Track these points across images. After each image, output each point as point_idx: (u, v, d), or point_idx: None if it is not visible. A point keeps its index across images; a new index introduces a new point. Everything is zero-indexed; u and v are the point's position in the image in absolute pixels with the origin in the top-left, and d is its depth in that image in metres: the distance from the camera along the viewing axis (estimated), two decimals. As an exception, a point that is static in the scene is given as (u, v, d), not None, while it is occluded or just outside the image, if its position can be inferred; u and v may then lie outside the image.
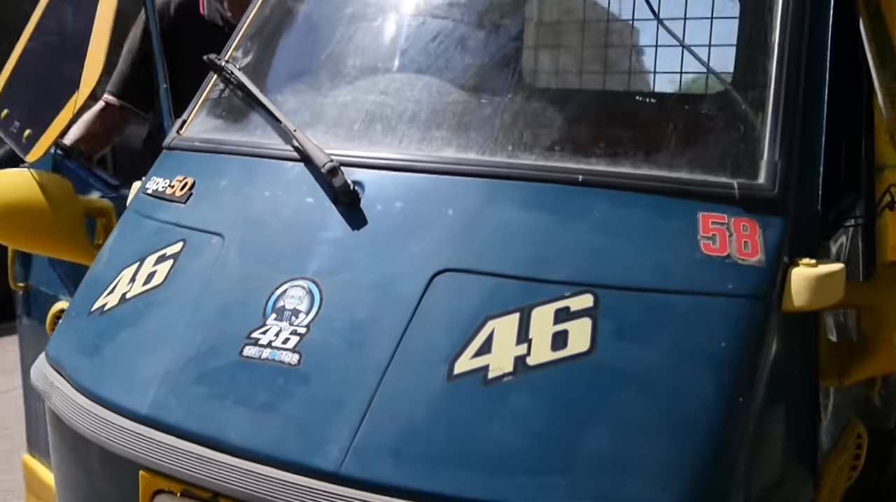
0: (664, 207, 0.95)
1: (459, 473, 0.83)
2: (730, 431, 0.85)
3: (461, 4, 1.20)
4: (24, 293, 2.01)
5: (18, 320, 2.17)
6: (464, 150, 1.04)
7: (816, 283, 0.92)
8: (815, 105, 1.02)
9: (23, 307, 2.05)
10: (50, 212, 1.38)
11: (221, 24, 1.96)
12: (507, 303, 0.91)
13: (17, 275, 2.01)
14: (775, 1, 1.06)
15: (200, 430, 0.93)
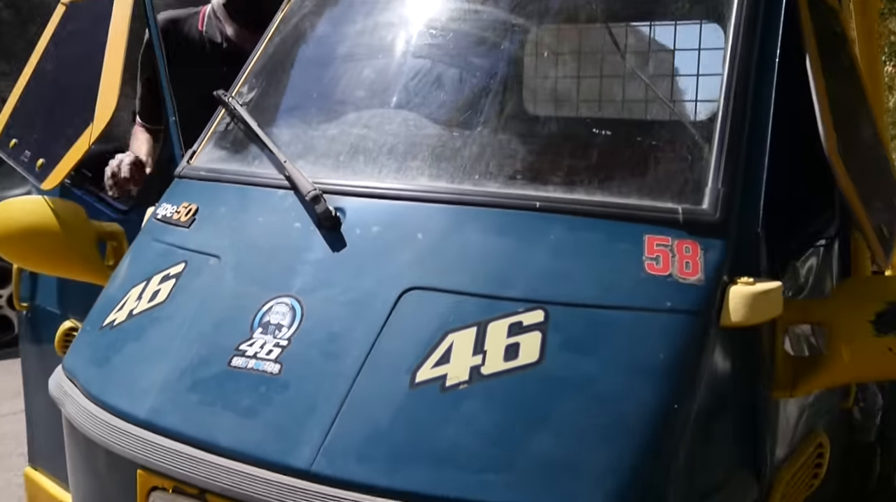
0: (613, 231, 1.04)
1: (416, 471, 0.92)
2: (665, 435, 0.93)
3: (438, 45, 1.31)
4: (27, 313, 2.12)
5: (21, 339, 2.27)
6: (435, 179, 1.14)
7: (753, 300, 1.00)
8: (759, 137, 1.09)
9: (27, 326, 2.16)
10: (65, 236, 1.51)
11: (220, 41, 2.08)
12: (466, 318, 1.00)
13: (22, 296, 2.12)
14: (726, 39, 1.15)
15: (192, 433, 1.03)
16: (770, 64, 1.13)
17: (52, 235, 1.50)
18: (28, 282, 2.06)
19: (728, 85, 1.11)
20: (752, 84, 1.12)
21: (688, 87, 1.22)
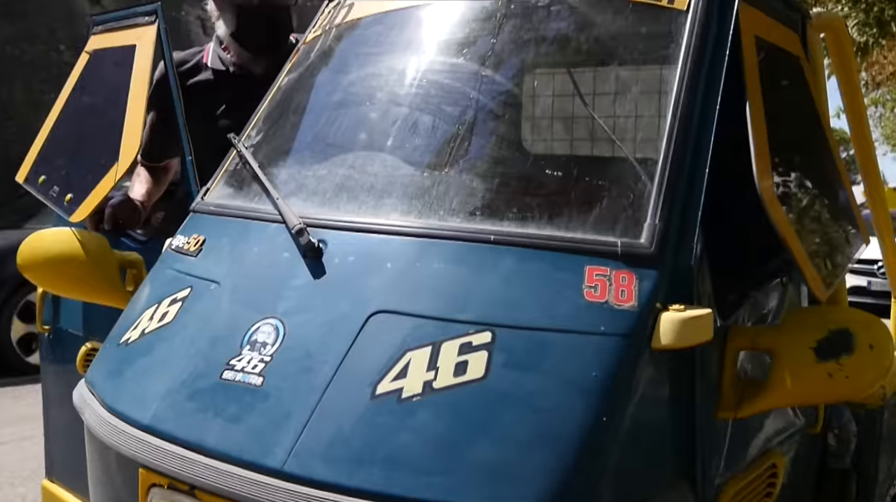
0: (558, 262, 1.16)
1: (372, 472, 1.05)
2: (594, 446, 1.04)
3: (416, 95, 1.46)
4: (49, 335, 2.30)
5: (42, 360, 2.45)
6: (405, 215, 1.28)
7: (682, 326, 1.11)
8: (698, 179, 1.20)
9: (48, 348, 2.34)
10: (90, 265, 1.68)
11: (225, 68, 2.25)
12: (423, 338, 1.13)
13: (45, 319, 2.30)
14: (671, 87, 1.27)
15: (185, 436, 1.18)
16: (710, 112, 1.25)
17: (78, 263, 1.68)
18: (50, 306, 2.25)
19: (670, 129, 1.23)
20: (693, 129, 1.23)
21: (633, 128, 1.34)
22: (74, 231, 1.74)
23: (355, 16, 1.65)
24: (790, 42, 1.59)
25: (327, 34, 1.70)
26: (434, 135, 1.40)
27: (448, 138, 1.38)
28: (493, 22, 1.46)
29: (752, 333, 1.34)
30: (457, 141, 1.36)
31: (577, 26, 1.44)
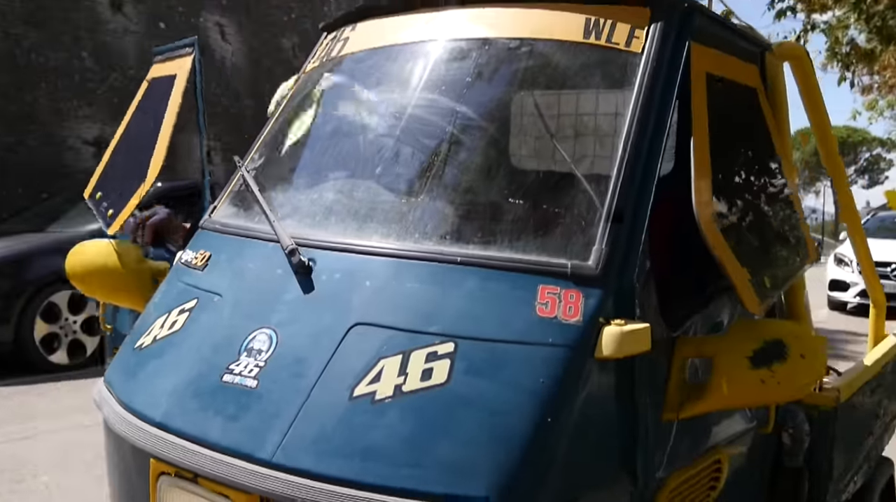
0: (515, 281, 1.32)
1: (348, 463, 1.21)
2: (541, 444, 1.19)
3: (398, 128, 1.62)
4: (110, 334, 2.54)
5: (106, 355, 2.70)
6: (385, 238, 1.45)
7: (621, 338, 1.26)
8: (642, 210, 1.36)
9: (109, 344, 2.58)
10: (125, 274, 1.87)
11: None
12: (396, 348, 1.29)
13: (107, 320, 2.54)
14: (622, 127, 1.42)
15: (190, 431, 1.35)
16: (657, 148, 1.40)
17: (115, 273, 1.87)
18: (110, 309, 2.48)
19: (619, 165, 1.38)
20: (640, 165, 1.38)
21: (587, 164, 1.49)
22: (112, 243, 1.92)
23: (349, 49, 1.82)
24: (747, 74, 1.74)
25: (324, 66, 1.87)
26: (412, 165, 1.57)
27: (424, 168, 1.54)
28: (469, 62, 1.63)
29: (698, 343, 1.49)
30: (432, 171, 1.53)
31: (541, 65, 1.60)
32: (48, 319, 6.26)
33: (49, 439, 4.40)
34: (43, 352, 6.20)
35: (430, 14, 1.68)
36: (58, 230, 7.08)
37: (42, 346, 6.20)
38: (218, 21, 13.05)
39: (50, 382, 5.80)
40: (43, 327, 6.22)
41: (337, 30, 1.89)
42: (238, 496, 1.27)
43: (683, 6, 1.52)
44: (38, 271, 6.33)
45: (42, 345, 6.21)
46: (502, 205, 1.45)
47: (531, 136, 1.57)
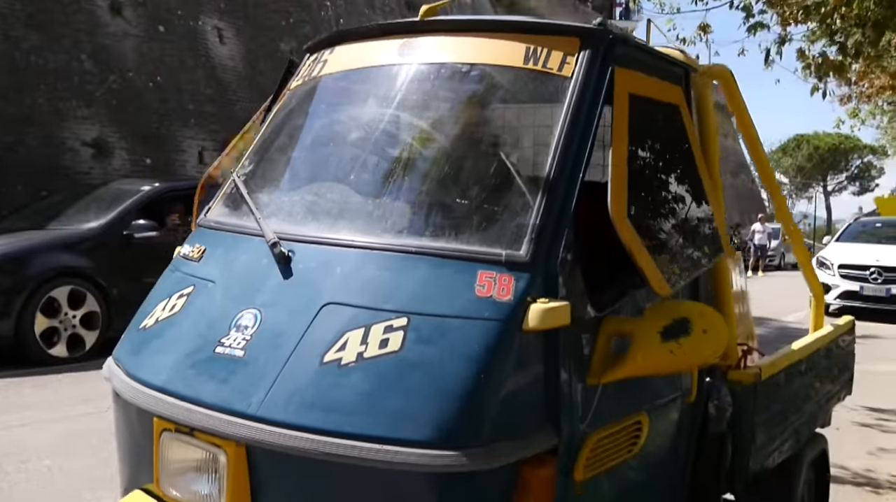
0: (458, 267, 1.59)
1: (318, 415, 1.47)
2: (475, 399, 1.46)
3: (367, 139, 1.90)
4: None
5: None
6: (353, 233, 1.72)
7: (544, 314, 1.53)
8: (566, 208, 1.62)
9: None
10: None
11: None
12: (359, 322, 1.56)
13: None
14: (552, 141, 1.69)
15: (188, 394, 1.61)
16: (581, 158, 1.67)
17: None
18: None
19: (548, 172, 1.65)
20: (566, 172, 1.65)
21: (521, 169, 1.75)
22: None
23: (327, 70, 2.09)
24: (669, 93, 2.01)
25: (306, 84, 2.14)
26: (377, 171, 1.84)
27: (386, 174, 1.81)
28: (428, 83, 1.90)
29: (620, 322, 1.76)
30: (393, 176, 1.80)
31: (488, 86, 1.87)
32: (48, 314, 6.51)
33: (50, 427, 4.64)
34: (43, 346, 6.44)
35: (396, 41, 1.96)
36: (57, 227, 7.32)
37: (42, 340, 6.44)
38: (216, 24, 13.31)
39: (50, 374, 6.04)
40: (43, 321, 6.45)
41: (318, 52, 2.16)
42: (228, 445, 1.53)
43: (608, 37, 1.79)
44: (39, 267, 6.57)
45: (42, 338, 6.44)
46: (450, 205, 1.71)
47: (476, 147, 1.84)
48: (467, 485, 1.46)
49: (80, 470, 3.86)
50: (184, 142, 12.16)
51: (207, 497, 1.58)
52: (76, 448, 4.20)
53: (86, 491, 3.57)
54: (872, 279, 12.23)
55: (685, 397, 2.05)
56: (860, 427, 5.57)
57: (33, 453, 4.09)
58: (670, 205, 1.88)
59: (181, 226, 7.81)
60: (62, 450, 4.15)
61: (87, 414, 4.94)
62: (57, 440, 4.33)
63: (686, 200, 1.95)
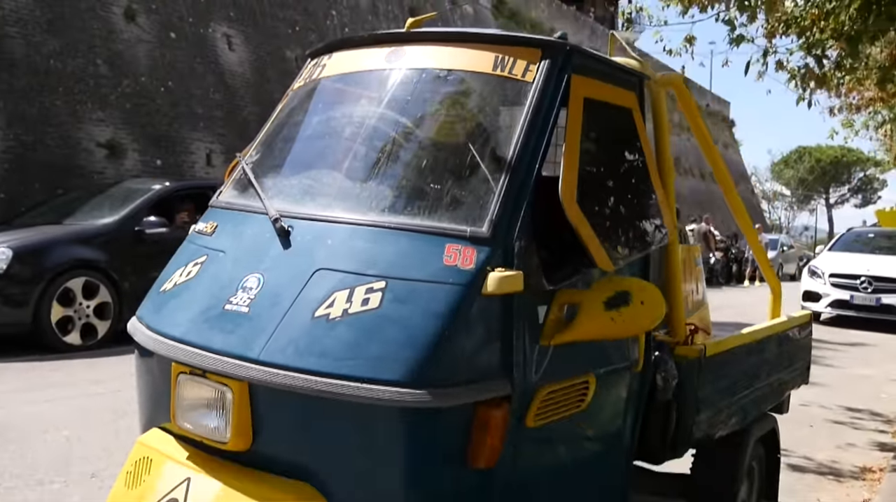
0: (430, 241, 1.89)
1: (310, 359, 1.77)
2: (438, 348, 1.75)
3: (357, 133, 2.21)
4: None
5: None
6: (343, 211, 2.02)
7: (500, 281, 1.82)
8: (523, 192, 1.92)
9: None
10: None
11: None
12: (345, 284, 1.86)
13: None
14: (514, 137, 1.99)
15: (201, 343, 1.91)
16: (538, 151, 1.97)
17: None
18: None
19: (509, 162, 1.95)
20: (524, 163, 1.95)
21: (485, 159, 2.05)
22: None
23: (326, 73, 2.40)
24: (624, 98, 2.31)
25: (307, 85, 2.46)
26: (365, 160, 2.15)
27: (372, 163, 2.12)
28: (411, 85, 2.21)
29: (571, 293, 2.05)
30: (378, 164, 2.11)
31: (462, 89, 2.18)
32: (64, 303, 6.84)
33: (67, 403, 4.96)
34: (58, 333, 6.76)
35: (386, 49, 2.27)
36: (73, 223, 7.66)
37: (57, 328, 6.77)
38: (226, 32, 13.69)
39: (64, 360, 6.37)
40: (59, 310, 6.78)
41: (318, 57, 2.47)
42: (234, 384, 1.83)
43: (566, 48, 2.09)
44: (56, 259, 6.90)
45: (57, 327, 6.77)
46: (425, 189, 2.01)
47: (450, 141, 2.15)
48: (431, 419, 1.75)
49: (95, 439, 4.18)
50: (192, 144, 12.51)
51: (215, 429, 1.88)
52: (91, 422, 4.52)
53: (100, 458, 3.88)
54: (863, 288, 12.46)
55: (633, 367, 2.33)
56: (833, 424, 5.85)
57: (52, 425, 4.40)
58: (618, 194, 2.18)
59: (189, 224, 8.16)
60: (79, 423, 4.46)
61: (99, 394, 5.26)
62: (73, 414, 4.65)
63: (634, 192, 2.25)
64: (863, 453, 5.06)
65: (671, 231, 2.36)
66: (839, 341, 10.62)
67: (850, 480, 4.48)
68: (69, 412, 4.71)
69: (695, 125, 2.82)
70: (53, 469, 3.69)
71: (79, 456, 3.91)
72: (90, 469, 3.71)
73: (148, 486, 1.95)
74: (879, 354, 9.83)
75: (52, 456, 3.88)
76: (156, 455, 2.01)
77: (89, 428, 4.39)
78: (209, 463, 1.91)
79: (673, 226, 2.38)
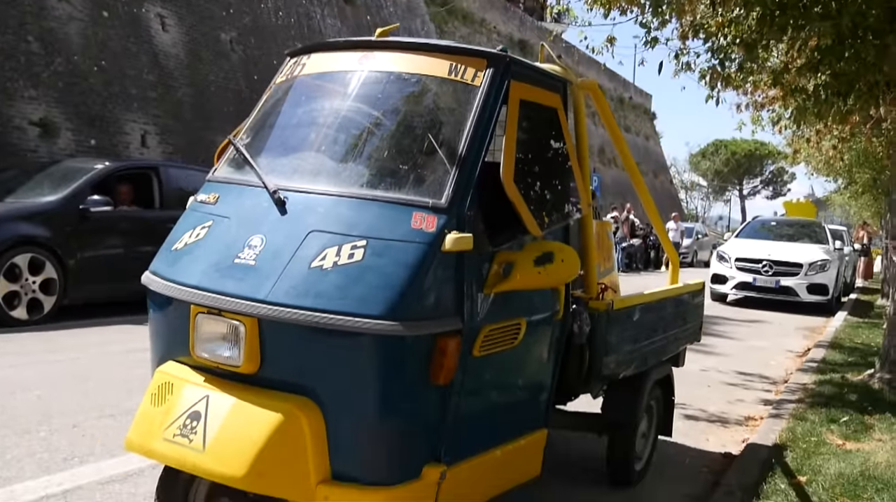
0: (401, 209, 2.40)
1: (307, 299, 2.26)
2: (408, 290, 2.27)
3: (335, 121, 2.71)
4: None
5: None
6: (328, 185, 2.51)
7: (455, 241, 2.34)
8: (471, 172, 2.45)
9: None
10: None
11: None
12: (334, 243, 2.35)
13: None
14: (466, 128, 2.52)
15: (216, 288, 2.38)
16: (484, 141, 2.51)
17: None
18: None
19: (462, 149, 2.48)
20: (474, 149, 2.49)
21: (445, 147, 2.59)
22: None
23: (306, 71, 2.88)
24: (551, 100, 2.87)
25: (289, 80, 2.93)
26: (344, 144, 2.65)
27: (350, 147, 2.63)
28: (380, 84, 2.72)
29: (507, 254, 2.61)
30: (355, 148, 2.62)
31: (423, 88, 2.70)
32: (10, 279, 7.02)
33: (29, 369, 5.24)
34: (5, 308, 6.96)
35: (358, 53, 2.77)
36: (14, 201, 7.80)
37: (4, 303, 6.96)
38: (159, 12, 13.72)
39: (13, 333, 6.58)
40: (5, 286, 6.96)
41: (297, 56, 2.95)
42: (246, 319, 2.31)
43: (506, 59, 2.64)
44: (2, 235, 7.07)
45: (4, 301, 6.96)
46: (395, 169, 2.52)
47: (414, 131, 2.67)
48: (403, 345, 2.28)
49: (67, 398, 4.51)
50: (127, 124, 12.57)
51: (229, 356, 2.36)
52: (57, 384, 4.84)
53: (77, 413, 4.24)
54: (764, 271, 13.61)
55: (555, 316, 2.92)
56: (727, 385, 6.66)
57: (20, 387, 4.69)
58: (545, 177, 2.75)
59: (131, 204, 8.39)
60: (46, 386, 4.77)
61: (58, 362, 5.56)
62: (39, 378, 4.94)
63: (557, 175, 2.82)
64: (749, 407, 5.85)
65: (586, 207, 2.95)
66: (742, 318, 11.65)
67: (736, 426, 5.24)
68: (34, 376, 5.00)
69: (607, 123, 3.42)
70: (35, 421, 4.03)
71: (56, 410, 4.25)
72: (70, 421, 4.07)
73: (172, 403, 2.42)
74: (775, 330, 10.87)
75: (30, 411, 4.21)
76: (176, 380, 2.47)
77: (58, 390, 4.71)
78: (223, 383, 2.39)
79: (587, 204, 2.97)
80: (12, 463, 3.38)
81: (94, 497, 3.05)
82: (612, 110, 3.43)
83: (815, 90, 6.62)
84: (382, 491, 2.30)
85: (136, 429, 2.47)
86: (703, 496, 3.61)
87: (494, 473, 2.72)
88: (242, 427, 2.28)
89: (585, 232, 3.16)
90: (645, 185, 3.91)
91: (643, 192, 3.91)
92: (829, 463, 3.98)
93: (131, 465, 3.38)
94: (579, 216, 2.94)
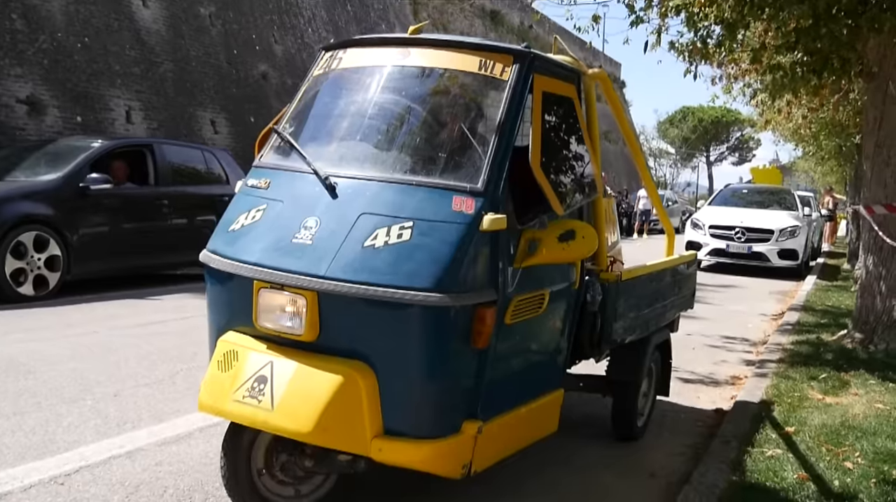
0: (442, 193, 2.68)
1: (364, 274, 2.54)
2: (452, 265, 2.56)
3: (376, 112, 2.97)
4: None
5: None
6: (376, 171, 2.78)
7: (491, 221, 2.63)
8: (503, 159, 2.73)
9: None
10: None
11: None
12: (384, 224, 2.63)
13: None
14: (497, 118, 2.80)
15: (277, 265, 2.65)
16: (514, 130, 2.79)
17: None
18: None
19: (494, 138, 2.76)
20: (505, 138, 2.77)
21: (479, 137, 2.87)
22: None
23: (343, 65, 3.13)
24: (568, 90, 3.16)
25: (326, 74, 3.18)
26: (387, 133, 2.92)
27: (393, 134, 2.90)
28: (416, 78, 2.98)
29: (533, 232, 2.91)
30: (398, 136, 2.88)
31: (456, 83, 2.97)
32: (16, 256, 7.19)
33: (55, 343, 5.45)
34: (13, 285, 7.14)
35: (395, 49, 3.02)
36: (14, 180, 7.91)
37: (12, 280, 7.13)
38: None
39: (24, 309, 6.76)
40: (12, 263, 7.14)
41: (333, 51, 3.19)
42: (307, 293, 2.58)
43: (531, 55, 2.91)
44: (7, 214, 7.22)
45: (11, 278, 7.13)
46: (435, 157, 2.80)
47: (451, 121, 2.94)
48: (447, 314, 2.57)
49: (101, 369, 4.76)
50: (111, 101, 12.60)
51: (291, 326, 2.64)
52: (86, 357, 5.07)
53: (114, 382, 4.49)
54: (737, 238, 14.09)
55: (572, 286, 3.24)
56: (711, 348, 7.06)
57: (55, 360, 4.92)
58: (566, 160, 3.04)
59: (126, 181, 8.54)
60: (78, 358, 5.01)
61: (78, 335, 5.78)
62: (68, 351, 5.17)
63: (575, 158, 3.12)
64: (733, 367, 6.27)
65: (599, 186, 3.25)
66: (717, 284, 12.11)
67: (724, 385, 5.64)
68: (62, 349, 5.23)
69: (615, 110, 3.71)
70: (77, 391, 4.28)
71: (94, 381, 4.50)
72: (110, 390, 4.33)
73: (238, 369, 2.70)
74: (749, 294, 11.36)
75: (70, 382, 4.44)
76: (240, 348, 2.75)
77: (89, 362, 4.95)
78: (285, 350, 2.67)
79: (600, 184, 3.28)
80: (71, 428, 3.64)
81: (156, 456, 3.32)
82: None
83: (792, 67, 6.97)
84: (428, 443, 2.61)
85: (207, 392, 2.75)
86: (703, 445, 3.98)
87: (520, 429, 3.05)
88: (307, 388, 2.57)
89: (597, 209, 3.47)
90: (648, 171, 4.21)
91: (646, 177, 4.21)
92: (813, 415, 4.38)
93: (180, 429, 3.67)
94: (595, 195, 3.24)
